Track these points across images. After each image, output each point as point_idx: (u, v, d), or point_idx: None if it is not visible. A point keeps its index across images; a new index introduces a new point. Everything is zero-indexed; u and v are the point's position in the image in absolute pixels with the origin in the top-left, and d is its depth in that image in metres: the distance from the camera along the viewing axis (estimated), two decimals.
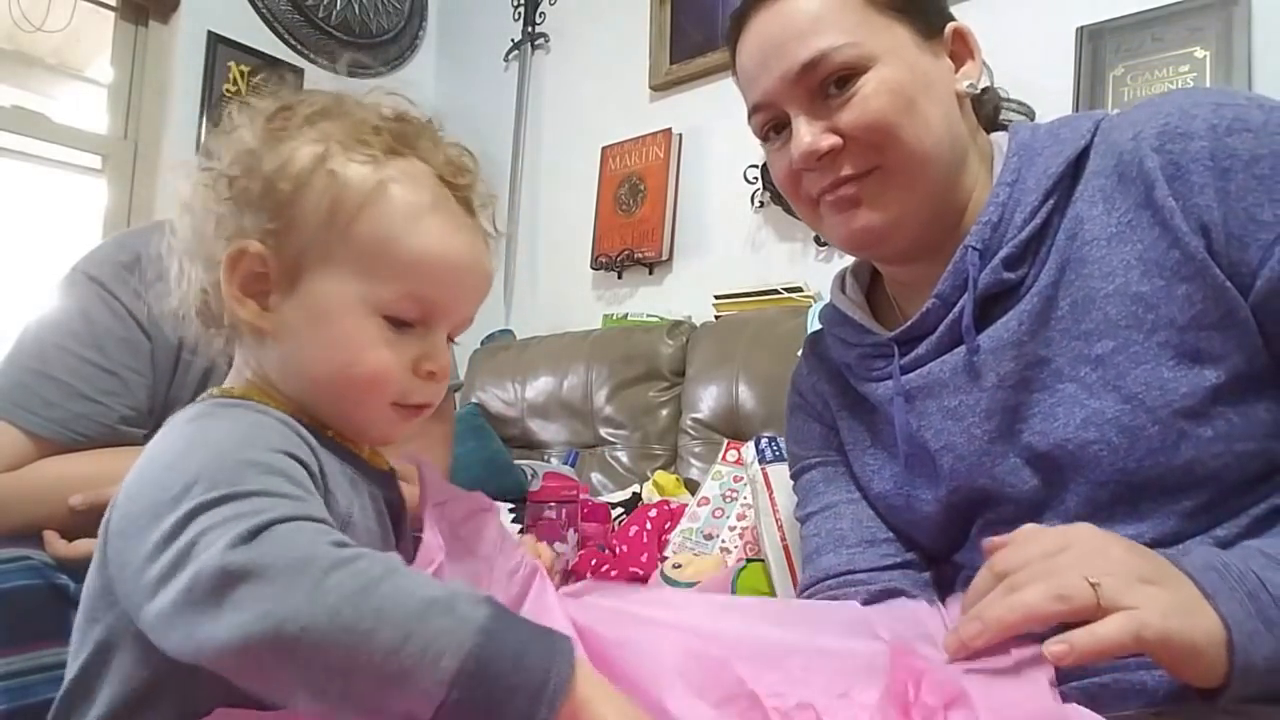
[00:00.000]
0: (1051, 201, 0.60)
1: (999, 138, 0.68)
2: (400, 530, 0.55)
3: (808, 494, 0.79)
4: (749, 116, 0.68)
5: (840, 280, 0.78)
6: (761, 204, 2.04)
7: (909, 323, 0.66)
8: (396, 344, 0.49)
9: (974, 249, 0.61)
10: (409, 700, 0.33)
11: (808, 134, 0.62)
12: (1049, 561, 0.47)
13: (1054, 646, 0.43)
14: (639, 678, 0.42)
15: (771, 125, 0.67)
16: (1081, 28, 1.54)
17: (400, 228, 0.47)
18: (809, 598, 0.72)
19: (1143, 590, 0.44)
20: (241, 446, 0.41)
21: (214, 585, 0.33)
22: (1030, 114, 1.48)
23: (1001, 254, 0.60)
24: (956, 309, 0.62)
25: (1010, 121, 0.71)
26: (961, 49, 0.65)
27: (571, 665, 0.35)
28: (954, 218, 0.65)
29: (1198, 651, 0.43)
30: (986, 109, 0.70)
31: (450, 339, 0.54)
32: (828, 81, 0.61)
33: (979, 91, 0.65)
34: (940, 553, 0.70)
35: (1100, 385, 0.56)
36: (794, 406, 0.83)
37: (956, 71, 0.65)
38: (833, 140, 0.61)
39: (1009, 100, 0.74)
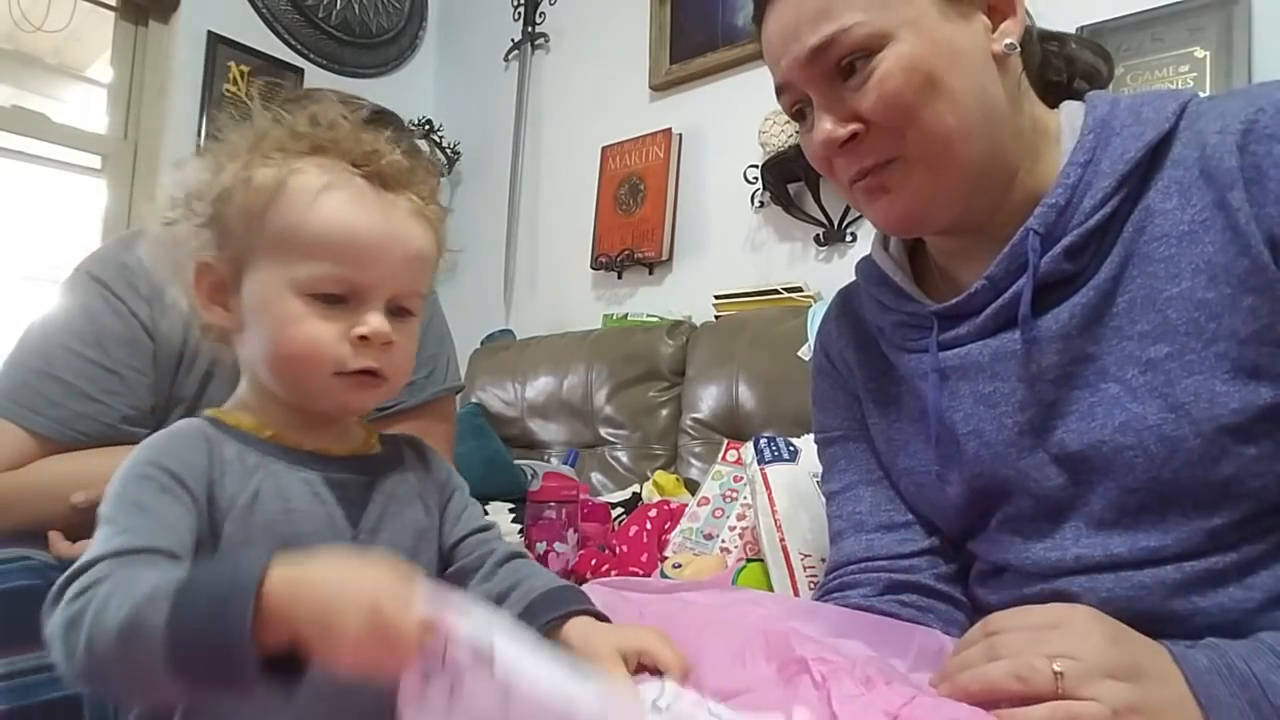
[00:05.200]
0: (1125, 190, 0.56)
1: (1072, 107, 0.63)
2: (364, 508, 0.58)
3: (830, 470, 0.78)
4: (776, 95, 0.65)
5: (883, 234, 0.73)
6: (761, 204, 2.04)
7: (954, 300, 0.63)
8: (327, 317, 0.53)
9: (1036, 233, 0.57)
10: (167, 672, 0.40)
11: (827, 122, 0.59)
12: (1033, 634, 0.47)
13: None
14: (693, 640, 0.51)
15: (798, 108, 0.64)
16: (1081, 27, 1.54)
17: (300, 213, 0.52)
18: (833, 581, 0.72)
19: (1105, 684, 0.44)
20: (126, 474, 0.50)
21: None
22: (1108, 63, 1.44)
23: (1065, 242, 0.57)
24: (1008, 294, 0.59)
25: (1085, 90, 0.65)
26: (1001, 2, 0.60)
27: (257, 569, 0.40)
28: (997, 188, 0.61)
29: None
30: (1050, 63, 0.65)
31: (403, 311, 0.56)
32: (842, 63, 0.57)
33: (1018, 49, 0.60)
34: (958, 538, 0.69)
35: (1146, 390, 0.54)
36: (820, 369, 0.80)
37: (995, 30, 0.59)
38: (852, 127, 0.58)
39: (1086, 44, 0.67)
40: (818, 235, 1.92)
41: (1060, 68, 0.67)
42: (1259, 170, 0.51)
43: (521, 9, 2.68)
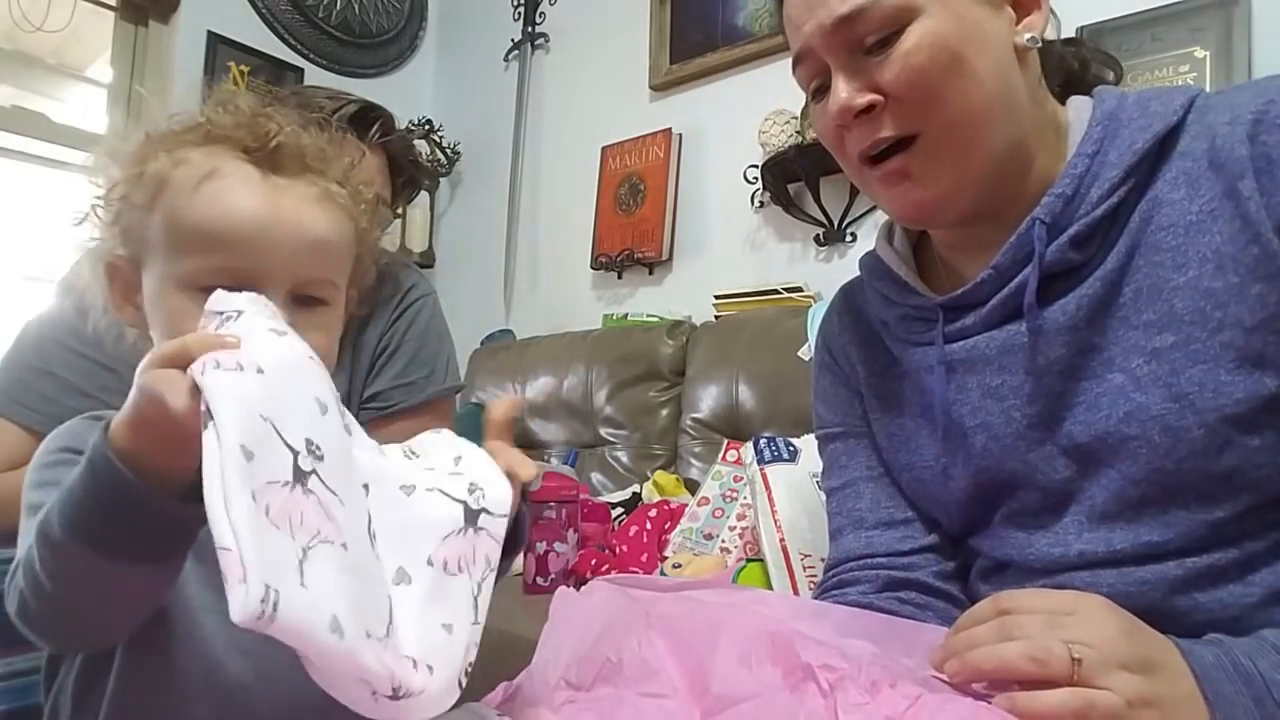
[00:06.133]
0: (1132, 181, 0.56)
1: (1080, 102, 0.62)
2: None
3: (830, 465, 0.77)
4: (793, 68, 0.64)
5: (887, 229, 0.73)
6: (761, 204, 2.04)
7: (959, 291, 0.62)
8: None
9: (1042, 222, 0.57)
10: (91, 558, 0.41)
11: (845, 90, 0.58)
12: (1048, 619, 0.47)
13: (1000, 699, 0.44)
14: (701, 643, 0.51)
15: (815, 82, 0.63)
16: (1082, 27, 1.54)
17: (180, 205, 0.50)
18: (832, 579, 0.72)
19: (1119, 675, 0.44)
20: (39, 464, 0.52)
21: None
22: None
23: (1071, 231, 0.56)
24: (1014, 284, 0.59)
25: (1100, 84, 0.65)
26: None
27: (102, 434, 0.41)
28: (1014, 182, 0.60)
29: None
30: (1065, 64, 0.65)
31: (312, 300, 0.54)
32: (868, 35, 0.57)
33: (1040, 44, 0.60)
34: (960, 534, 0.69)
35: (1150, 380, 0.54)
36: (823, 365, 0.80)
37: (1019, 22, 0.59)
38: (871, 97, 0.57)
39: (1098, 53, 0.68)
40: (818, 235, 1.92)
41: (1075, 70, 0.67)
42: (1269, 160, 0.51)
43: (521, 9, 2.68)
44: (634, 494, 1.70)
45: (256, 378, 0.39)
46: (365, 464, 0.46)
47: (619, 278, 2.32)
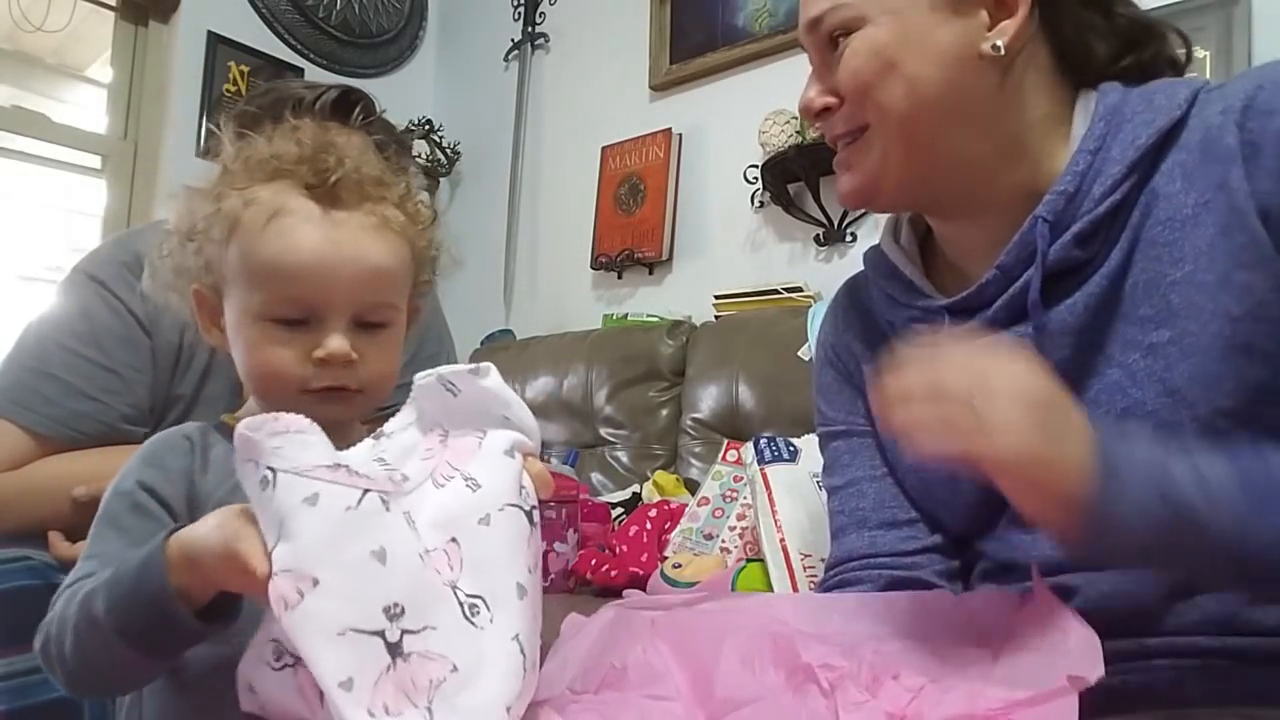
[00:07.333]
0: (1135, 176, 0.56)
1: (1087, 97, 0.62)
2: None
3: (833, 465, 0.77)
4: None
5: (893, 225, 0.73)
6: (761, 204, 2.04)
7: (965, 293, 0.62)
8: (289, 341, 0.55)
9: (1045, 220, 0.57)
10: (124, 648, 0.47)
11: (811, 89, 0.64)
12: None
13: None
14: (705, 647, 0.52)
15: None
16: None
17: (250, 243, 0.55)
18: (834, 577, 0.71)
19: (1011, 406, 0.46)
20: (113, 486, 0.57)
21: None
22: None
23: (1075, 229, 0.56)
24: (1019, 284, 0.59)
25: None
26: (1010, 1, 0.59)
27: (162, 539, 0.47)
28: (985, 181, 0.61)
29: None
30: (1137, 65, 0.65)
31: (372, 325, 0.58)
32: (832, 38, 0.62)
33: (1003, 54, 0.59)
34: (965, 536, 0.68)
35: (1146, 375, 0.54)
36: (825, 362, 0.79)
37: (994, 27, 0.59)
38: (827, 100, 0.63)
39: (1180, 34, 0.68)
40: (818, 235, 1.92)
41: (1145, 63, 0.66)
42: (1255, 147, 0.51)
43: (521, 9, 2.68)
44: (634, 494, 1.70)
45: (320, 594, 0.41)
46: (442, 518, 0.48)
47: (619, 278, 2.32)
